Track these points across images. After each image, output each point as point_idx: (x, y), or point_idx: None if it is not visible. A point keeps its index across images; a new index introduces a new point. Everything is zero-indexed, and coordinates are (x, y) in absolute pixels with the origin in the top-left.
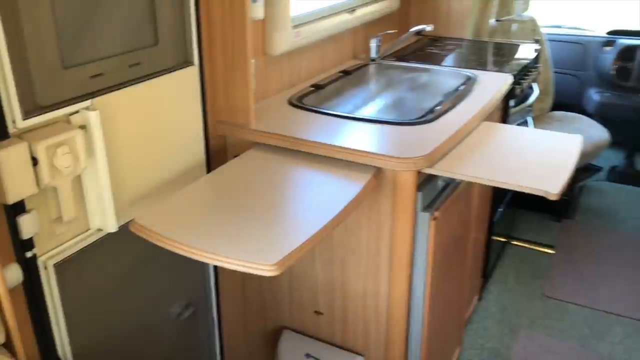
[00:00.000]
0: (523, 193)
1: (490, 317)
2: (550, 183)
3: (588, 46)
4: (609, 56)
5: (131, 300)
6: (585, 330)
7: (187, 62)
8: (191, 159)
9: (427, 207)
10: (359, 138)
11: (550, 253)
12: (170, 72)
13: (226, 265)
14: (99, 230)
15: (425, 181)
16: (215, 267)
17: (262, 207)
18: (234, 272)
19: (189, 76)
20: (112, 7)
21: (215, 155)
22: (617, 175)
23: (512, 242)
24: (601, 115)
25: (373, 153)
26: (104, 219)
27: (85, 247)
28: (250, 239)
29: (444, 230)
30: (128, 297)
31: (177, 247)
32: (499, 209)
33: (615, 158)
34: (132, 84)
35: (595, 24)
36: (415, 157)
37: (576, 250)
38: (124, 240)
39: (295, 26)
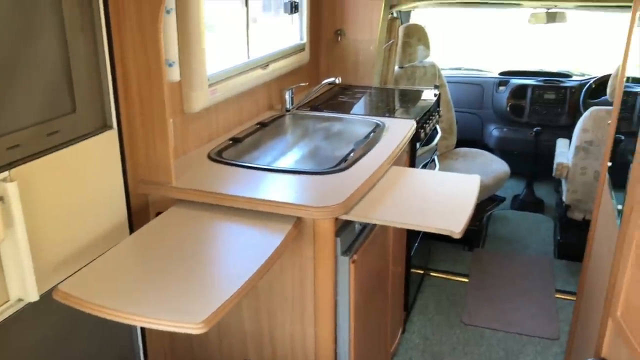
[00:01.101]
0: None
1: (414, 348)
2: (454, 223)
3: (485, 86)
4: (503, 95)
5: None
6: (501, 352)
7: (105, 126)
8: (113, 220)
9: (346, 252)
10: (278, 189)
11: (465, 282)
12: (90, 137)
13: (154, 327)
14: (20, 300)
15: (343, 226)
16: (142, 328)
17: (186, 265)
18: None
19: (108, 139)
20: (27, 78)
21: (138, 214)
22: (520, 204)
23: (430, 274)
24: (500, 149)
25: (292, 204)
26: (25, 289)
27: (5, 319)
28: (176, 298)
29: (363, 271)
30: None
31: (104, 311)
32: (415, 243)
33: (516, 187)
34: (51, 152)
35: (488, 66)
36: (332, 205)
37: (488, 277)
38: (47, 308)
39: (212, 84)
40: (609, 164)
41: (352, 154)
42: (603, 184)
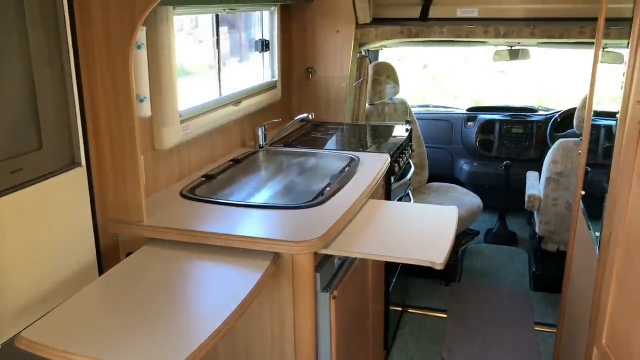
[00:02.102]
0: None
1: None
2: (435, 254)
3: (454, 122)
4: (472, 130)
5: None
6: None
7: (74, 163)
8: (82, 261)
9: (327, 287)
10: (254, 225)
11: (443, 317)
12: (57, 174)
13: None
14: None
15: (322, 262)
16: None
17: (158, 309)
18: None
19: (77, 177)
20: None
21: (107, 254)
22: (493, 237)
23: (408, 310)
24: (472, 184)
25: (270, 239)
26: None
27: None
28: (147, 345)
29: (344, 308)
30: None
31: (72, 359)
32: (393, 279)
33: (489, 222)
34: (15, 191)
35: (456, 102)
36: (311, 240)
37: (466, 312)
38: (9, 359)
39: (184, 120)
40: (583, 192)
41: (328, 188)
42: (577, 213)
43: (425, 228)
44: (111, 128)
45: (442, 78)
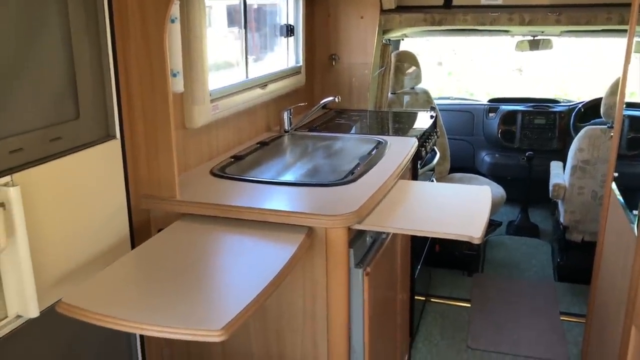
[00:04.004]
0: (435, 252)
1: None
2: (472, 229)
3: (475, 113)
4: (494, 121)
5: None
6: None
7: (109, 136)
8: (115, 235)
9: (359, 263)
10: (286, 201)
11: (467, 306)
12: (92, 145)
13: (170, 336)
14: (18, 316)
15: (354, 238)
16: (143, 348)
17: (195, 278)
18: (160, 352)
19: (111, 149)
20: (32, 81)
21: (139, 230)
22: (515, 229)
23: (431, 300)
24: (493, 175)
25: (304, 213)
26: (24, 304)
27: (1, 337)
28: (189, 308)
29: (376, 286)
30: None
31: (115, 322)
32: (416, 270)
33: (511, 213)
34: (54, 159)
35: (477, 94)
36: (346, 214)
37: (490, 301)
38: (46, 326)
39: (213, 100)
40: (615, 174)
41: (358, 168)
42: (609, 197)
43: (458, 206)
44: (144, 102)
45: (458, 75)
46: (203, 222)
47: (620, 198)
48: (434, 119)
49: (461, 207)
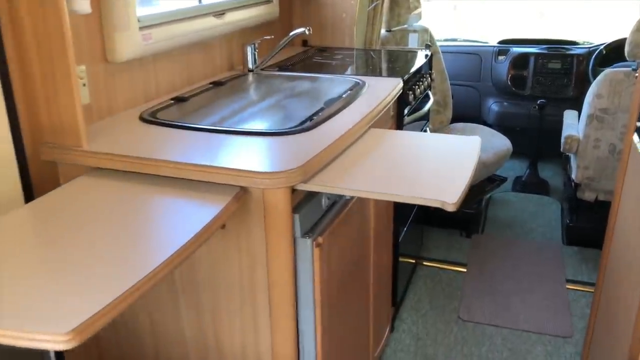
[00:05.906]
0: (429, 209)
1: (404, 350)
2: (447, 193)
3: (483, 56)
4: (503, 65)
5: None
6: (506, 353)
7: None
8: (2, 193)
9: (308, 232)
10: (218, 153)
11: (462, 271)
12: None
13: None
14: None
15: (303, 201)
16: None
17: (91, 239)
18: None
19: None
20: None
21: (42, 185)
22: (522, 185)
23: (422, 263)
24: (501, 125)
25: (232, 169)
26: None
27: None
28: (41, 298)
29: (332, 258)
30: None
31: None
32: (404, 228)
33: (518, 168)
34: None
35: (485, 36)
36: (287, 171)
37: (489, 266)
38: None
39: (144, 27)
40: (639, 123)
41: (320, 113)
42: (629, 148)
43: (438, 162)
44: (36, 28)
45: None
46: (113, 178)
47: None
48: (428, 58)
49: (440, 165)
